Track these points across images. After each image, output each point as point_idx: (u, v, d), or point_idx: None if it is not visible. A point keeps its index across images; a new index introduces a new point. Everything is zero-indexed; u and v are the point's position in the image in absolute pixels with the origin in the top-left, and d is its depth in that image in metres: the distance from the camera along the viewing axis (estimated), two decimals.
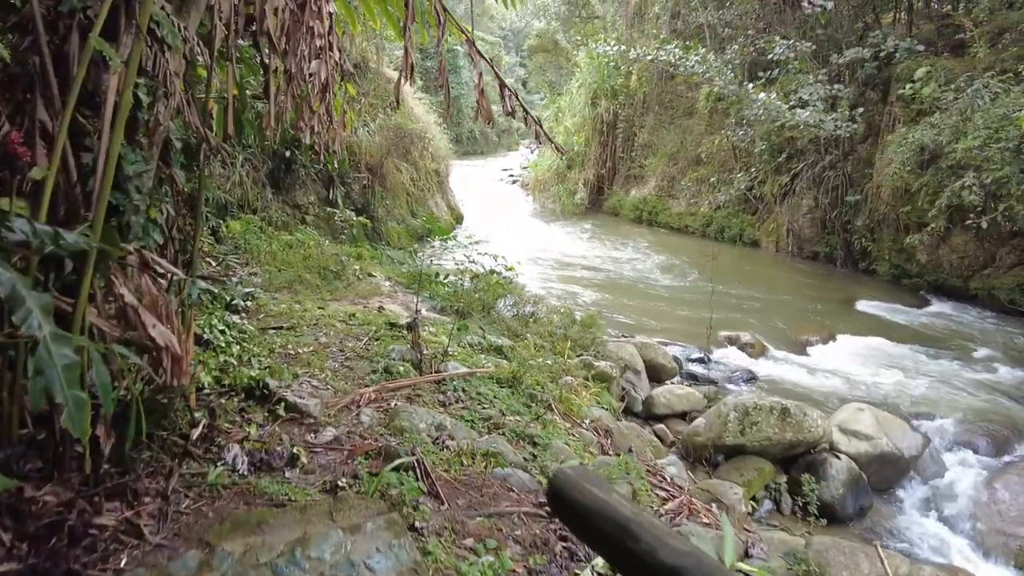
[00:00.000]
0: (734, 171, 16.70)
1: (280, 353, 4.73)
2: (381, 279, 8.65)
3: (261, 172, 11.85)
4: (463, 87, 40.28)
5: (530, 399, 4.71)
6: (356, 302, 7.27)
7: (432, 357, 5.03)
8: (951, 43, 12.13)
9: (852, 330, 9.58)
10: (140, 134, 2.76)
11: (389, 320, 5.95)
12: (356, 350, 5.02)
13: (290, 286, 7.52)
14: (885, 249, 12.64)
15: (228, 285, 6.35)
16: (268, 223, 11.08)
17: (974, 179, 8.47)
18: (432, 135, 16.16)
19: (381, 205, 13.91)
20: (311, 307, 6.35)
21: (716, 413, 5.46)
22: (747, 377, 7.44)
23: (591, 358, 6.09)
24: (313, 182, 12.95)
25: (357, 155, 13.13)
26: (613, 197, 20.36)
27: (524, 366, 4.95)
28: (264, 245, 8.97)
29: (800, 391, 7.24)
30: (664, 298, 11.05)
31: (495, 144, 45.04)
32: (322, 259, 8.56)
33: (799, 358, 8.38)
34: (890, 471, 5.51)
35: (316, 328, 5.52)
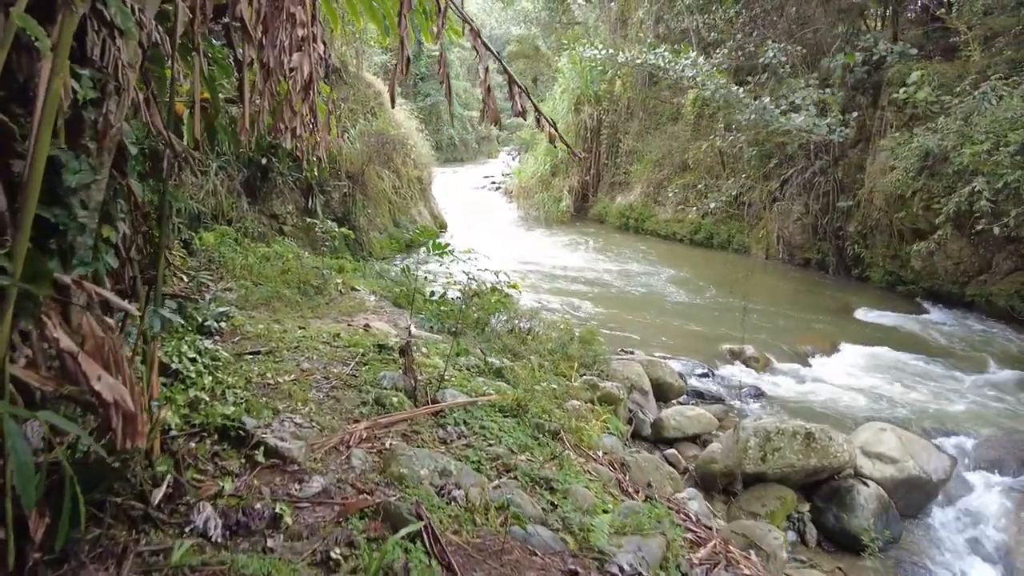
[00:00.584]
0: (721, 177, 16.49)
1: (258, 383, 4.23)
2: (365, 293, 8.16)
3: (236, 181, 11.30)
4: (441, 94, 39.87)
5: (537, 429, 4.27)
6: (340, 320, 6.77)
7: (427, 383, 4.58)
8: (941, 47, 11.99)
9: (853, 339, 9.30)
10: (86, 138, 2.28)
11: (377, 341, 5.48)
12: (342, 377, 4.54)
13: (268, 303, 7.01)
14: (879, 255, 12.45)
15: (200, 304, 5.84)
16: (244, 234, 10.54)
17: (984, 185, 8.24)
18: (414, 141, 15.71)
19: (363, 214, 13.40)
20: (291, 327, 5.85)
21: (734, 438, 5.07)
22: (754, 393, 7.08)
23: (596, 378, 5.67)
24: (291, 191, 12.42)
25: (337, 162, 12.62)
26: (598, 204, 20.04)
27: (528, 392, 4.51)
28: (239, 258, 8.45)
29: (810, 408, 6.90)
30: (660, 309, 10.70)
31: (475, 151, 44.66)
32: (302, 272, 8.05)
33: (804, 370, 8.05)
34: (918, 496, 5.17)
35: (297, 352, 5.03)
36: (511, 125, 38.87)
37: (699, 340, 8.90)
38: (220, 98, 3.77)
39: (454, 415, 4.01)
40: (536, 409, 4.45)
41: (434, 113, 37.47)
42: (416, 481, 3.00)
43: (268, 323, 5.99)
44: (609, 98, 20.25)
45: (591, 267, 13.81)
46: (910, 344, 9.21)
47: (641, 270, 13.58)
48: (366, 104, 14.32)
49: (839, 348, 8.93)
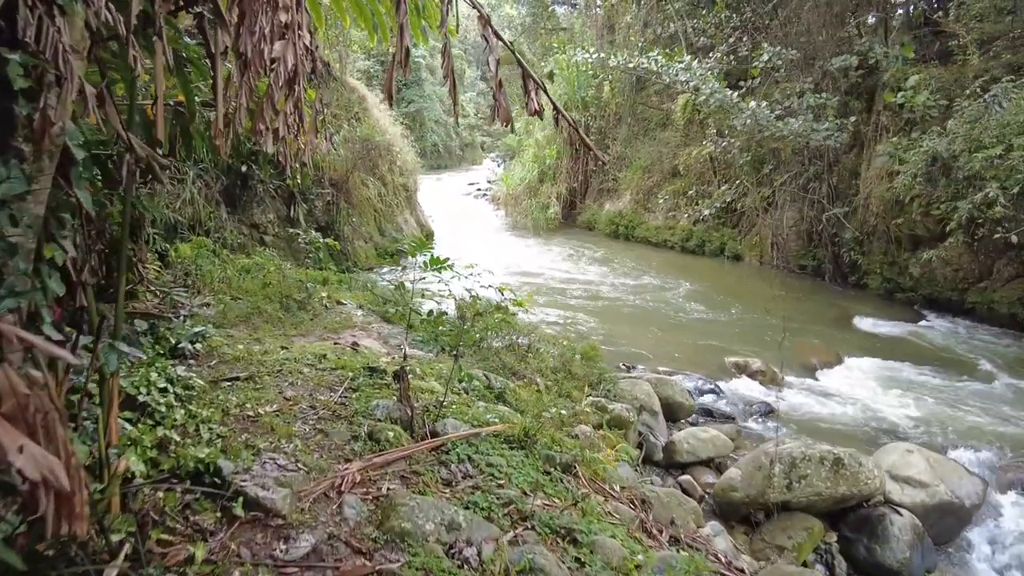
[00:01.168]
0: (712, 184, 16.25)
1: (236, 416, 3.79)
2: (352, 307, 7.73)
3: (215, 189, 10.82)
4: (426, 100, 39.48)
5: (548, 463, 3.86)
6: (325, 337, 6.33)
7: (424, 412, 4.16)
8: (936, 51, 11.83)
9: (857, 350, 9.03)
10: (18, 138, 1.85)
11: (367, 362, 5.04)
12: (331, 406, 4.10)
13: (248, 319, 6.54)
14: (876, 262, 12.23)
15: (174, 324, 5.37)
16: (223, 245, 10.05)
17: (999, 191, 8.00)
18: (400, 148, 15.28)
19: (347, 223, 12.93)
20: (273, 347, 5.40)
21: (755, 464, 4.70)
22: (765, 411, 6.74)
23: (604, 400, 5.29)
24: (272, 199, 11.94)
25: (321, 170, 12.16)
26: (587, 211, 19.73)
27: (535, 419, 4.11)
28: (218, 271, 7.97)
29: (823, 426, 6.56)
30: (659, 320, 10.35)
31: (459, 158, 44.35)
32: (284, 286, 7.59)
33: (812, 384, 7.73)
34: (950, 523, 4.84)
35: (280, 377, 4.58)
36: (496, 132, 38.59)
37: (702, 353, 8.56)
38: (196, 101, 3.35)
39: (457, 450, 3.59)
40: (545, 439, 4.05)
41: (418, 120, 37.07)
42: (420, 538, 2.58)
43: (248, 343, 5.54)
44: (597, 104, 19.99)
45: (583, 276, 13.45)
46: (915, 354, 8.95)
47: (635, 279, 13.24)
48: (350, 109, 13.88)
49: (843, 360, 8.64)
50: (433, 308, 6.23)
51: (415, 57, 38.99)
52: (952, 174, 9.11)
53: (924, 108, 10.33)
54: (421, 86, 38.57)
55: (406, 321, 3.91)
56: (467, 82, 53.75)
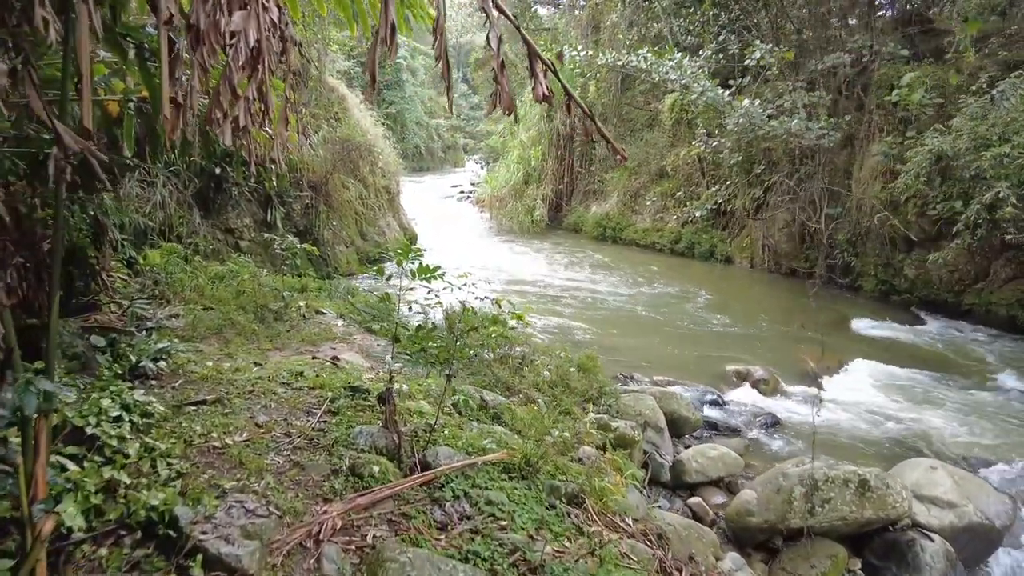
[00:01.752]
0: (701, 185, 15.99)
1: (200, 448, 3.34)
2: (332, 317, 7.27)
3: (187, 192, 10.29)
4: (407, 101, 38.95)
5: (553, 494, 3.46)
6: (303, 351, 5.87)
7: (412, 438, 3.73)
8: (929, 49, 11.65)
9: (858, 355, 8.74)
10: None
11: (349, 381, 4.60)
12: (308, 433, 3.66)
13: (219, 332, 6.07)
14: (870, 264, 12.01)
15: (137, 339, 4.90)
16: (195, 251, 9.55)
17: (1008, 191, 7.74)
18: (381, 149, 14.81)
19: (327, 227, 12.44)
20: (245, 363, 4.95)
21: (773, 487, 4.33)
22: (770, 422, 6.39)
23: (606, 416, 4.89)
24: (248, 202, 11.42)
25: (299, 171, 11.66)
26: (573, 213, 19.39)
27: (537, 444, 3.71)
28: (189, 279, 7.50)
29: (832, 438, 6.23)
30: (653, 327, 10.00)
31: (441, 160, 43.85)
32: (259, 294, 7.12)
33: (814, 392, 7.40)
34: (980, 545, 4.51)
35: (252, 398, 4.13)
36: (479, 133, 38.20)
37: (700, 360, 8.21)
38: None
39: (452, 485, 3.17)
40: (548, 468, 3.65)
41: (399, 121, 36.50)
42: None
43: (218, 359, 5.08)
44: (583, 103, 19.64)
45: (572, 280, 13.08)
46: (917, 359, 8.70)
47: (626, 283, 12.89)
48: (329, 109, 13.39)
49: (846, 366, 8.35)
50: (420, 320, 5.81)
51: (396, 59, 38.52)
52: (956, 173, 8.86)
53: (919, 106, 10.10)
54: (402, 87, 38.05)
55: (392, 335, 3.48)
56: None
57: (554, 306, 10.93)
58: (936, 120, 10.48)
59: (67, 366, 4.08)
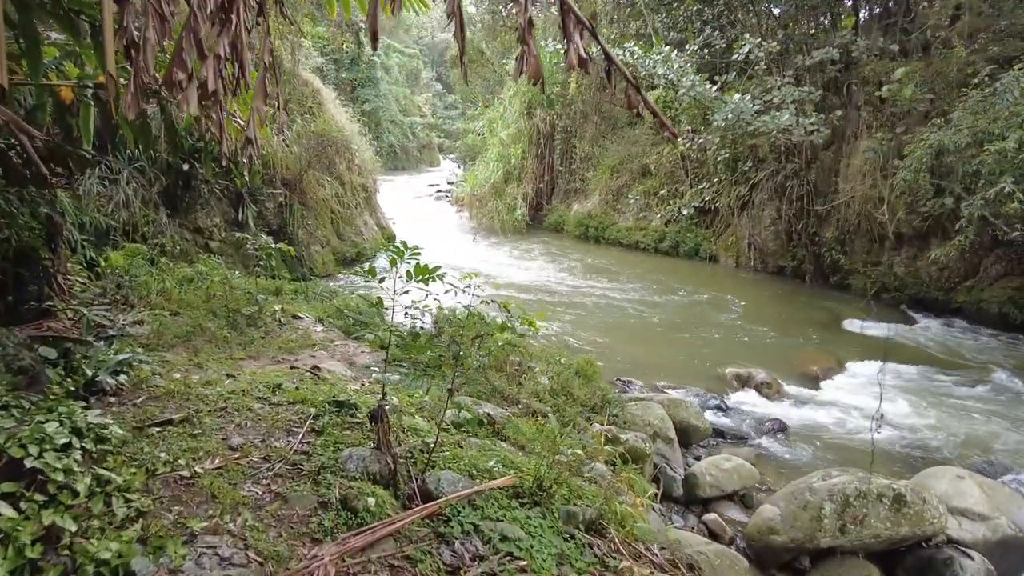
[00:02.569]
0: (684, 183, 15.76)
1: (165, 479, 2.87)
2: (310, 322, 6.79)
3: (153, 190, 9.70)
4: (382, 99, 38.26)
5: (570, 522, 3.07)
6: (280, 360, 5.40)
7: (409, 460, 3.31)
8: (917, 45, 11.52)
9: (855, 355, 8.52)
10: None
11: (333, 394, 4.15)
12: (290, 458, 3.21)
13: (188, 340, 5.56)
14: (859, 262, 11.86)
15: (95, 349, 4.40)
16: (161, 252, 8.98)
17: (1014, 185, 7.55)
18: (357, 145, 14.29)
19: (301, 226, 11.90)
20: (217, 375, 4.46)
21: (799, 502, 3.99)
22: (778, 427, 6.09)
23: (614, 428, 4.52)
24: (218, 201, 10.85)
25: (272, 168, 11.11)
26: (554, 212, 19.05)
27: (548, 465, 3.31)
28: (155, 281, 6.96)
29: (844, 444, 5.96)
30: (646, 329, 9.68)
31: (416, 159, 43.23)
32: (231, 298, 6.60)
33: (817, 395, 7.15)
34: (1015, 559, 4.23)
35: (225, 416, 3.66)
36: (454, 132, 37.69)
37: (698, 364, 7.89)
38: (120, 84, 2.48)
39: (459, 518, 2.76)
40: (563, 491, 3.25)
41: (373, 119, 35.80)
42: None
43: (186, 370, 4.59)
44: (563, 101, 19.34)
45: (558, 281, 12.71)
46: (915, 358, 8.49)
47: (614, 283, 12.57)
48: (303, 103, 12.84)
49: (845, 367, 8.11)
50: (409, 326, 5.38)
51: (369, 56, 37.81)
52: (958, 168, 8.67)
53: (910, 102, 9.94)
54: (376, 85, 37.36)
55: (384, 345, 3.05)
56: (423, 82, 52.71)
57: (540, 307, 10.55)
58: (927, 116, 10.34)
59: (10, 382, 3.56)
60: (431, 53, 58.86)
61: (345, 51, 35.07)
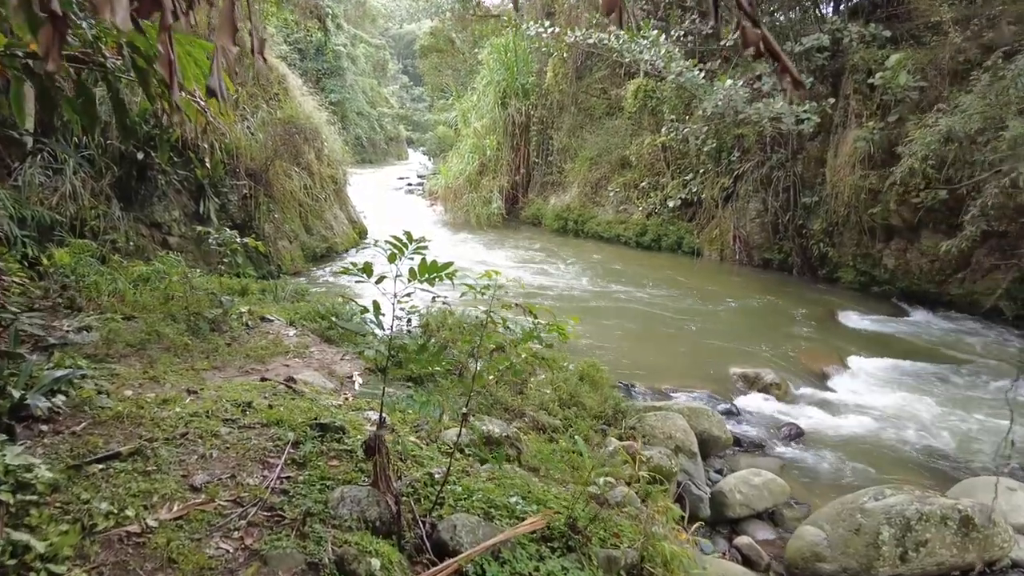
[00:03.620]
0: (665, 175, 15.37)
1: (106, 537, 2.25)
2: (281, 324, 6.14)
3: (104, 181, 8.88)
4: (348, 90, 37.18)
5: (610, 570, 2.55)
6: (249, 370, 4.76)
7: (411, 496, 2.74)
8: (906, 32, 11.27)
9: (856, 351, 8.20)
10: None
11: (313, 413, 3.55)
12: (267, 499, 2.61)
13: (142, 348, 4.90)
14: (848, 255, 11.60)
15: (27, 363, 3.72)
16: (114, 249, 8.20)
17: None
18: (326, 135, 13.52)
19: (268, 220, 11.13)
20: (176, 392, 3.83)
21: (848, 525, 3.54)
22: (795, 432, 5.66)
23: (636, 444, 4.00)
24: (177, 193, 10.03)
25: (235, 157, 10.32)
26: (532, 206, 18.51)
27: (581, 500, 2.78)
28: (105, 282, 6.23)
29: (865, 448, 5.56)
30: (640, 326, 9.19)
31: (384, 152, 42.25)
32: (191, 300, 5.92)
33: (828, 396, 6.77)
34: None
35: (185, 446, 3.05)
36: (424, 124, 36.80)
37: (700, 363, 7.45)
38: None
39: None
40: (599, 531, 2.72)
41: (339, 111, 34.70)
42: None
43: (140, 386, 3.95)
44: (538, 91, 18.78)
45: (542, 276, 12.18)
46: (916, 353, 8.21)
47: (597, 279, 12.09)
48: (268, 89, 12.03)
49: (849, 364, 7.77)
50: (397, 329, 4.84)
51: (335, 46, 36.68)
52: (968, 156, 8.37)
53: (904, 90, 9.65)
54: (342, 76, 36.26)
55: (382, 367, 2.47)
56: (390, 74, 51.53)
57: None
58: (919, 104, 10.08)
59: None
60: (397, 45, 57.73)
61: (310, 40, 33.95)
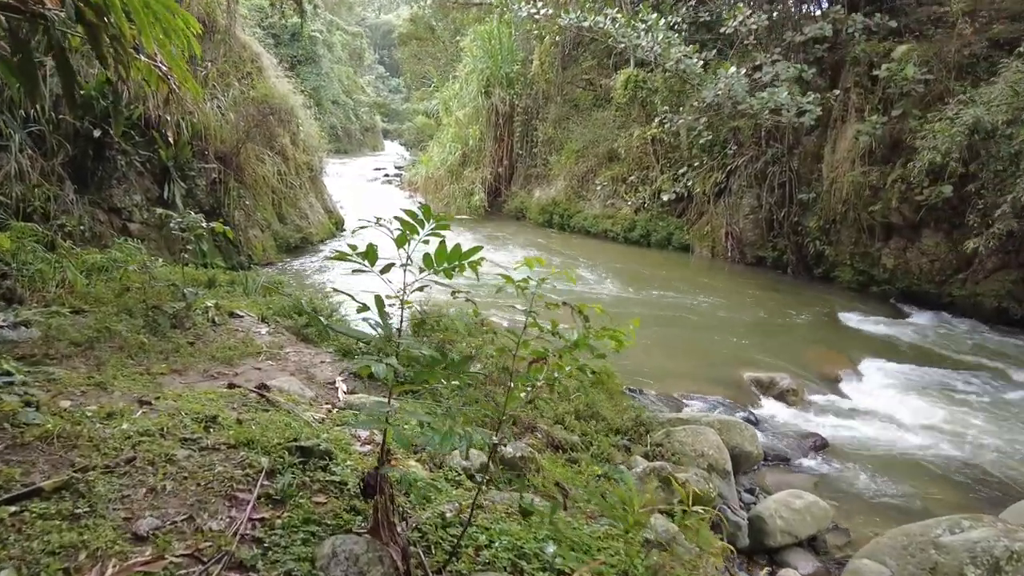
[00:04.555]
0: (654, 169, 14.92)
1: None
2: (252, 321, 5.47)
3: (56, 160, 8.09)
4: (323, 78, 36.11)
5: None
6: (215, 374, 4.12)
7: (419, 543, 2.16)
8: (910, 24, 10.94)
9: (865, 353, 7.84)
10: None
11: (290, 432, 2.93)
12: (235, 554, 2.01)
13: (90, 347, 4.23)
14: (845, 253, 11.26)
15: None
16: (67, 235, 7.41)
17: None
18: (302, 119, 12.77)
19: (238, 207, 10.36)
20: (125, 402, 3.18)
21: (922, 562, 3.05)
22: (818, 444, 5.20)
23: (668, 464, 3.47)
24: (140, 176, 9.24)
25: (203, 138, 9.55)
26: (515, 199, 17.93)
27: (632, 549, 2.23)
28: (53, 271, 5.49)
29: (899, 463, 5.13)
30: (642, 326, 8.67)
31: (359, 143, 41.23)
32: (151, 292, 5.22)
33: (844, 403, 6.34)
34: None
35: (131, 477, 2.42)
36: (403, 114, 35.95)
37: (707, 366, 6.97)
38: None
39: None
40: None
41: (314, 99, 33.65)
42: None
43: (81, 395, 3.30)
44: (523, 80, 18.19)
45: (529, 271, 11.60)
46: (928, 357, 7.87)
47: (589, 275, 11.57)
48: (240, 68, 11.24)
49: (859, 367, 7.37)
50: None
51: (311, 32, 35.57)
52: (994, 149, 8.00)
53: (910, 82, 9.30)
54: (318, 63, 35.19)
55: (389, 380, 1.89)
56: (366, 64, 50.41)
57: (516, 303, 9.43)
58: (925, 98, 9.75)
59: None
60: (373, 36, 56.59)
61: (285, 25, 32.86)
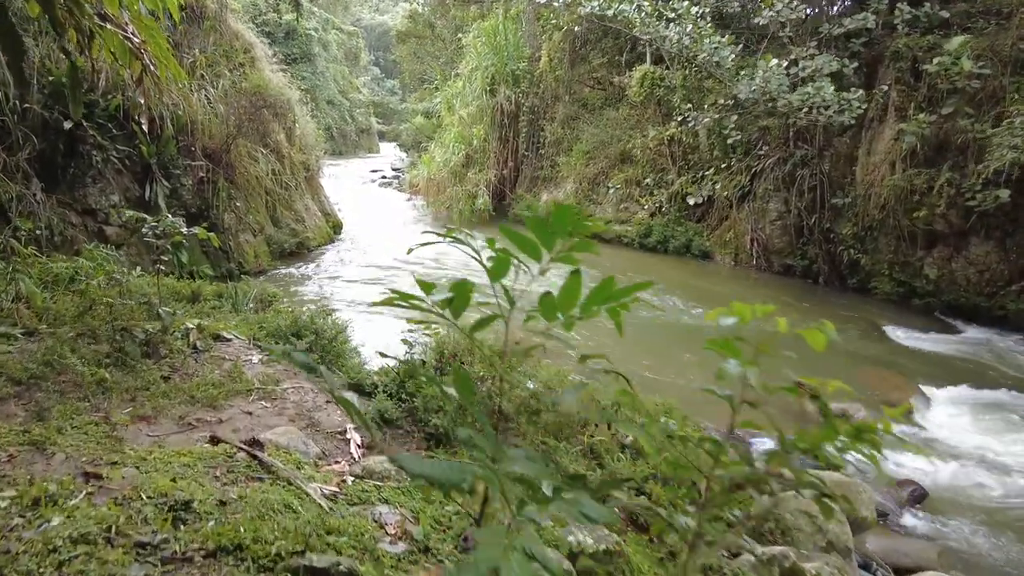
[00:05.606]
0: (669, 171, 14.13)
1: None
2: (242, 346, 4.60)
3: (20, 155, 7.21)
4: (319, 77, 35.26)
5: None
6: (193, 422, 3.25)
7: None
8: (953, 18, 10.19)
9: (925, 375, 7.04)
10: None
11: (295, 526, 2.07)
12: None
13: (35, 384, 3.37)
14: (883, 262, 10.45)
15: None
16: (30, 239, 6.52)
17: None
18: (298, 114, 11.90)
19: (228, 209, 9.47)
20: (65, 472, 2.32)
21: None
22: (917, 495, 4.38)
23: (791, 551, 2.62)
24: (118, 174, 8.35)
25: (190, 133, 8.66)
26: (522, 202, 17.08)
27: None
28: (3, 283, 4.62)
29: (1013, 518, 4.29)
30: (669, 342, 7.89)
31: (354, 144, 40.42)
32: (121, 310, 4.34)
33: (924, 435, 5.53)
34: None
35: None
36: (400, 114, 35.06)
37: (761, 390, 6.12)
38: None
39: None
40: None
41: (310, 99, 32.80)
42: None
43: (8, 460, 2.43)
44: (530, 78, 17.38)
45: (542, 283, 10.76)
46: (993, 379, 7.08)
47: None
48: (232, 57, 10.36)
49: (923, 391, 6.56)
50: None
51: (307, 30, 34.73)
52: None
53: (966, 78, 8.54)
54: (313, 62, 34.36)
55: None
56: (362, 64, 49.58)
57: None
58: (977, 96, 8.98)
59: None
60: (369, 37, 55.83)
61: (279, 23, 31.99)
